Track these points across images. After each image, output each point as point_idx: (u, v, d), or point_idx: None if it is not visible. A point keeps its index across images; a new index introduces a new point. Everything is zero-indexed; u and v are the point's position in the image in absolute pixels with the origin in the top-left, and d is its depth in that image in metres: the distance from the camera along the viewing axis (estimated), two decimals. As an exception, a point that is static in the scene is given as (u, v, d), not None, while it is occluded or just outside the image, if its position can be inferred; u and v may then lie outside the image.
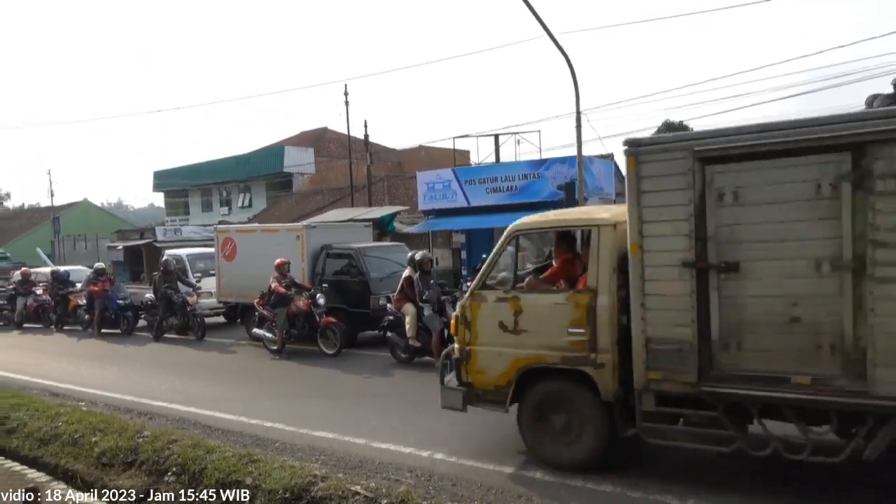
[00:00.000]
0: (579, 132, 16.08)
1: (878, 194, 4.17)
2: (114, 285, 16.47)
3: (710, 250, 4.73)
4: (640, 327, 5.03)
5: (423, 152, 35.06)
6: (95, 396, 9.46)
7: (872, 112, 4.57)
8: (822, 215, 4.36)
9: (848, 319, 4.33)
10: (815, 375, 4.47)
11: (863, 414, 4.44)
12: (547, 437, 5.74)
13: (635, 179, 4.97)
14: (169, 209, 47.29)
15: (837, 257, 4.33)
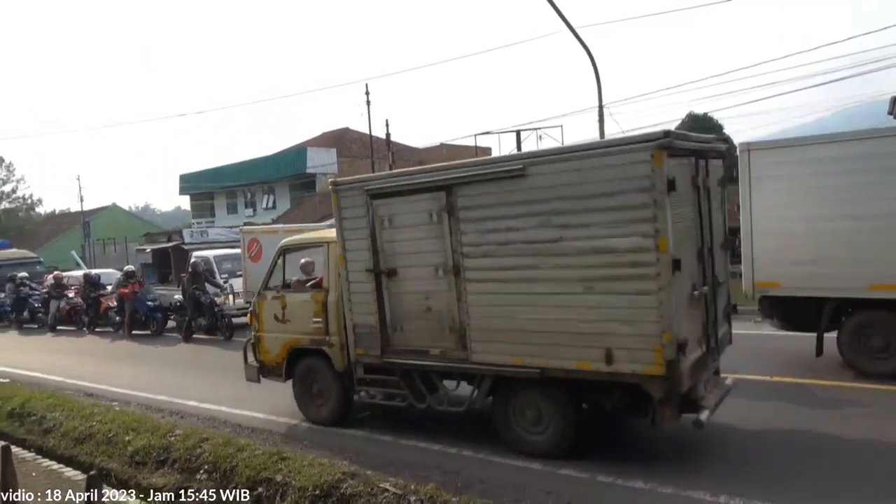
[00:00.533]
0: (602, 126, 15.96)
1: (461, 221, 5.94)
2: (143, 287, 16.74)
3: (380, 260, 6.54)
4: (350, 317, 6.87)
5: (445, 150, 35.06)
6: (128, 396, 9.63)
7: (457, 163, 6.25)
8: (435, 235, 6.13)
9: (455, 308, 6.11)
10: (442, 348, 6.26)
11: (470, 375, 6.31)
12: (309, 401, 7.65)
13: (338, 209, 6.81)
14: (195, 212, 47.94)
15: (446, 264, 6.09)
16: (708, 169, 5.98)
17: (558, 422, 5.83)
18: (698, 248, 5.76)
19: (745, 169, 8.61)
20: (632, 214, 5.06)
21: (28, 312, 19.69)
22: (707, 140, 6.27)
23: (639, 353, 5.15)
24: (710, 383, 6.08)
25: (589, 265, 5.32)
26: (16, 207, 63.67)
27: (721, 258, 6.32)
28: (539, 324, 5.61)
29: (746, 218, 8.64)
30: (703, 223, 5.83)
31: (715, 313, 6.03)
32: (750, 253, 8.64)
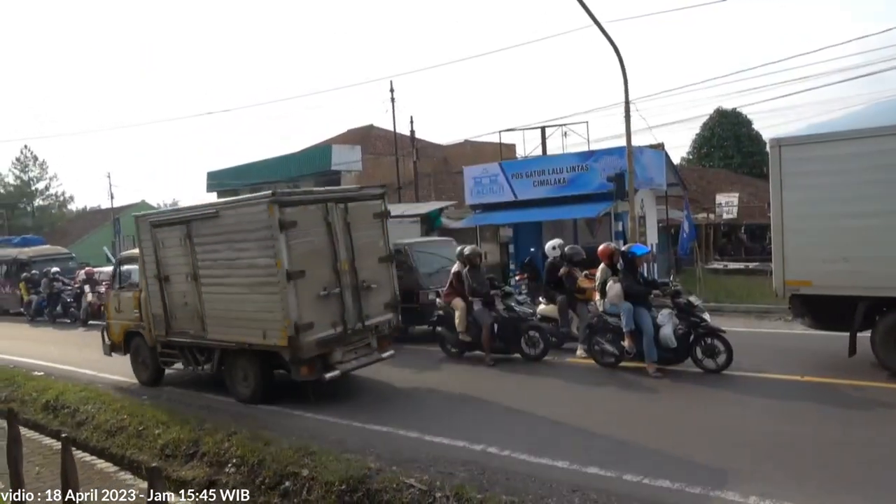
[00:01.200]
0: (628, 122, 15.78)
1: (195, 244, 8.66)
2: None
3: (160, 270, 9.26)
4: (149, 308, 9.64)
5: (469, 147, 34.98)
6: (157, 390, 9.80)
7: (191, 206, 9.47)
8: (185, 253, 8.85)
9: (197, 303, 8.81)
10: (194, 330, 8.96)
11: (210, 349, 9.04)
12: (138, 368, 10.52)
13: (137, 234, 9.72)
14: (222, 209, 48.50)
15: (190, 273, 8.80)
16: (347, 209, 8.45)
17: (255, 378, 8.59)
18: (332, 263, 8.19)
19: (775, 165, 8.46)
20: (264, 243, 7.77)
21: (61, 307, 20.13)
22: (338, 190, 9.81)
23: (275, 332, 7.80)
24: (359, 352, 8.67)
25: (250, 276, 8.03)
26: (49, 204, 65.02)
27: (377, 268, 8.87)
28: (235, 314, 8.35)
29: (777, 215, 8.49)
30: (337, 249, 8.25)
31: (359, 306, 8.48)
32: (780, 251, 8.49)
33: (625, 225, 16.80)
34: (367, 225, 8.74)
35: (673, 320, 8.57)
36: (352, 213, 8.52)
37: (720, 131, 42.16)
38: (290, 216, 7.67)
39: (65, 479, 0.96)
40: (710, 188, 29.71)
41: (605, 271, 9.34)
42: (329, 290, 8.08)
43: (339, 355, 8.34)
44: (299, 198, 8.05)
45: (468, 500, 4.91)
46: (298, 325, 7.61)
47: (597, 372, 9.04)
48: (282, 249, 7.53)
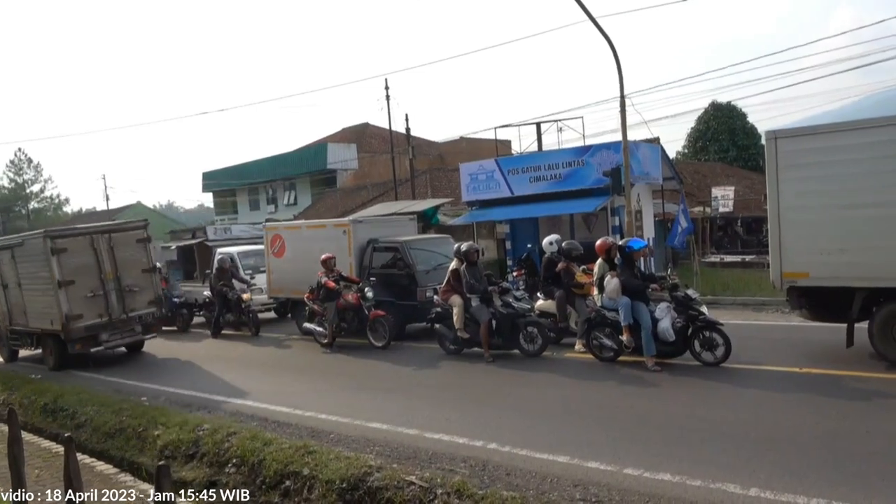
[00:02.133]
0: (624, 117, 15.77)
1: (17, 262, 12.53)
2: (169, 284, 16.96)
3: (2, 280, 13.21)
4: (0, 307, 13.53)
5: (465, 144, 34.98)
6: (156, 391, 9.78)
7: (10, 237, 13.86)
8: (13, 268, 12.77)
9: (22, 302, 12.80)
10: (23, 321, 12.79)
11: (32, 334, 12.99)
12: (3, 350, 14.07)
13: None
14: (218, 209, 48.43)
15: (17, 282, 12.62)
16: (111, 238, 12.28)
17: (56, 352, 12.34)
18: (98, 275, 12.01)
19: (771, 157, 8.47)
20: (44, 263, 11.67)
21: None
22: (103, 226, 13.33)
23: (56, 320, 11.63)
24: (123, 335, 12.52)
25: (42, 284, 11.86)
26: (44, 207, 64.87)
27: (139, 276, 12.64)
28: (39, 309, 12.21)
29: (774, 207, 8.49)
30: (102, 264, 12.07)
31: (123, 303, 12.29)
32: (777, 243, 8.50)
33: (621, 219, 16.80)
34: (130, 247, 12.61)
35: (671, 314, 8.58)
36: (115, 240, 12.34)
37: (715, 125, 42.19)
38: (60, 245, 11.70)
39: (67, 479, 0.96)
40: (706, 181, 29.74)
41: (602, 266, 9.34)
42: (95, 292, 11.96)
43: (106, 336, 12.20)
44: (70, 232, 12.51)
45: (469, 497, 4.91)
46: (69, 316, 11.65)
47: (596, 367, 9.05)
48: (53, 267, 11.59)
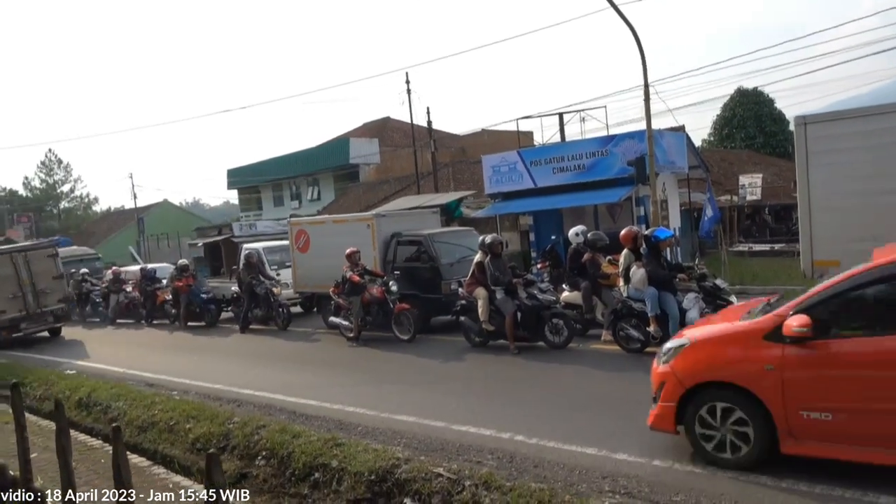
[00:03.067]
0: (648, 105, 15.58)
1: None
2: (196, 280, 17.19)
3: None
4: None
5: (486, 136, 34.83)
6: (187, 385, 9.94)
7: None
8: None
9: None
10: None
11: None
12: None
13: None
14: (243, 205, 48.93)
15: None
16: (27, 255, 16.40)
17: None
18: (17, 282, 15.91)
19: (801, 143, 8.31)
20: None
21: (90, 306, 20.51)
22: (19, 247, 17.89)
23: None
24: (39, 325, 16.42)
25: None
26: (74, 206, 66.16)
27: (51, 282, 16.47)
28: None
29: (804, 194, 8.34)
30: (20, 274, 15.94)
31: (37, 301, 16.12)
32: (808, 231, 8.35)
33: (647, 209, 16.63)
34: (43, 261, 16.79)
35: (699, 304, 8.48)
36: (30, 256, 16.61)
37: (741, 111, 41.43)
38: None
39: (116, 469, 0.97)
40: (733, 169, 29.27)
41: (628, 256, 9.26)
42: (15, 294, 15.96)
43: (24, 325, 16.19)
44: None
45: (497, 489, 4.90)
46: None
47: (622, 358, 8.98)
48: None
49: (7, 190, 65.67)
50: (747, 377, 4.87)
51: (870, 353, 4.50)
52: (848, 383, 4.54)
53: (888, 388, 4.38)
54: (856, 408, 4.50)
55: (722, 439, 5.02)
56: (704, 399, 5.09)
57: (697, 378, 5.13)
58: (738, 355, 4.98)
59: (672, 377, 5.27)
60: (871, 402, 4.45)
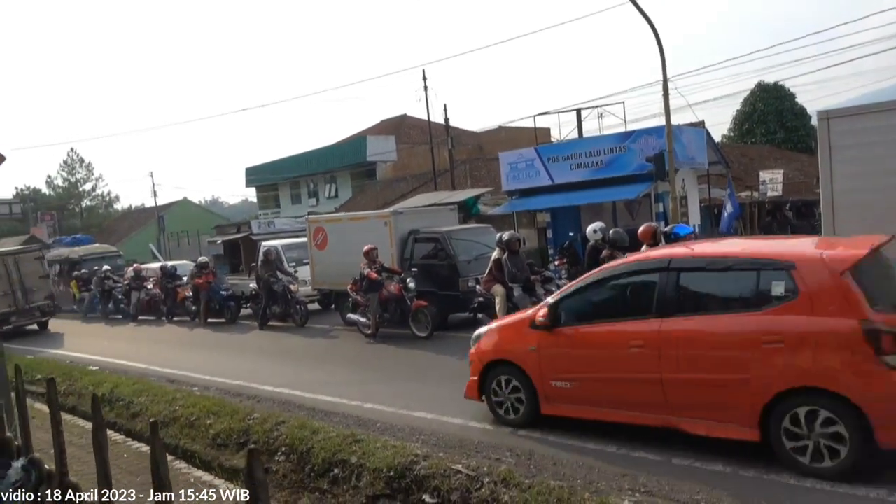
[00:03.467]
0: (667, 100, 15.45)
1: None
2: (216, 277, 17.36)
3: None
4: None
5: (503, 133, 34.75)
6: (207, 382, 10.04)
7: None
8: None
9: None
10: None
11: None
12: None
13: None
14: (261, 203, 49.29)
15: None
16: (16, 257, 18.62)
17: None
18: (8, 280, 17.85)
19: (824, 138, 8.18)
20: None
21: (112, 303, 20.79)
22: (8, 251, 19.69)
23: None
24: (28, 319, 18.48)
25: None
26: (96, 205, 66.98)
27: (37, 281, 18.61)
28: None
29: (827, 190, 8.21)
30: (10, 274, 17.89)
31: (26, 298, 18.15)
32: (831, 227, 8.21)
33: (666, 206, 16.50)
34: (31, 263, 18.71)
35: (719, 301, 8.38)
36: (19, 259, 18.55)
37: (762, 106, 40.89)
38: None
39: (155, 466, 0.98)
40: (753, 165, 28.91)
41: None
42: (6, 292, 17.60)
43: (14, 319, 18.01)
44: None
45: (516, 486, 4.89)
46: None
47: (642, 355, 8.91)
48: None
49: (31, 189, 66.71)
50: (518, 356, 6.39)
51: (586, 337, 5.94)
52: (577, 360, 6.02)
53: (602, 363, 5.82)
54: (584, 378, 5.95)
55: (506, 404, 6.51)
56: (495, 374, 6.57)
57: (490, 357, 6.67)
58: (513, 339, 6.55)
59: (476, 357, 6.85)
60: (592, 373, 5.89)
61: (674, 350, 5.35)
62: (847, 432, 4.54)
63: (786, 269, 4.94)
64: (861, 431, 4.50)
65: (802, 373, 4.73)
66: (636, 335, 5.57)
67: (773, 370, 4.83)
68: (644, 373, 5.49)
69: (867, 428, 4.47)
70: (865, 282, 4.75)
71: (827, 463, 4.63)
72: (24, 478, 1.64)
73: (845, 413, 4.54)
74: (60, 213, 59.21)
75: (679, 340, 5.35)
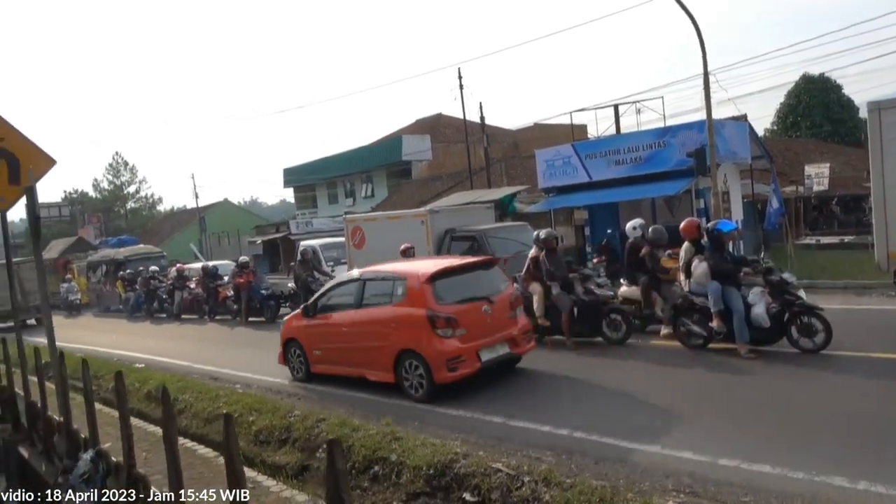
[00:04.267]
0: (708, 94, 15.13)
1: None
2: (256, 277, 17.62)
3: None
4: None
5: (539, 130, 34.52)
6: (248, 379, 10.21)
7: None
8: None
9: None
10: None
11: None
12: None
13: None
14: (299, 203, 49.94)
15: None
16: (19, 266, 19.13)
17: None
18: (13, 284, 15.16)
19: (874, 130, 7.91)
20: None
21: (157, 303, 21.31)
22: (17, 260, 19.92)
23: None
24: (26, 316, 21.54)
25: None
26: (140, 206, 68.81)
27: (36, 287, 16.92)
28: None
29: (878, 183, 7.94)
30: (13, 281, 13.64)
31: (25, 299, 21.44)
32: (883, 221, 7.94)
33: (707, 201, 16.14)
34: (31, 271, 19.69)
35: (765, 298, 8.17)
36: (21, 267, 20.32)
37: (807, 98, 39.73)
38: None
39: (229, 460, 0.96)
40: (798, 159, 28.10)
41: (689, 250, 9.00)
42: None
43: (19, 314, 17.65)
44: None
45: (557, 485, 4.85)
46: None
47: (684, 354, 8.75)
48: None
49: (78, 192, 68.85)
50: (297, 334, 9.64)
51: (326, 323, 9.13)
52: (322, 337, 9.22)
53: (332, 338, 9.03)
54: (326, 347, 9.16)
55: (295, 367, 9.77)
56: (289, 347, 9.84)
57: (285, 336, 9.93)
58: (296, 322, 9.74)
59: (281, 336, 10.11)
60: (329, 344, 9.12)
61: (358, 328, 8.64)
62: (425, 374, 7.77)
63: (403, 279, 8.24)
64: (429, 373, 7.71)
65: (406, 340, 7.97)
66: (345, 320, 8.87)
67: (396, 339, 8.08)
68: (349, 343, 8.79)
69: (430, 371, 7.71)
70: (437, 286, 7.98)
71: (420, 393, 7.88)
72: (93, 469, 1.67)
73: (422, 363, 7.79)
74: (106, 216, 60.95)
75: (361, 323, 8.62)
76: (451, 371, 7.63)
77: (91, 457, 1.51)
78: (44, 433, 1.99)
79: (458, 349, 7.70)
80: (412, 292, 7.96)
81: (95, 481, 1.52)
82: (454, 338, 7.72)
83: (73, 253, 34.34)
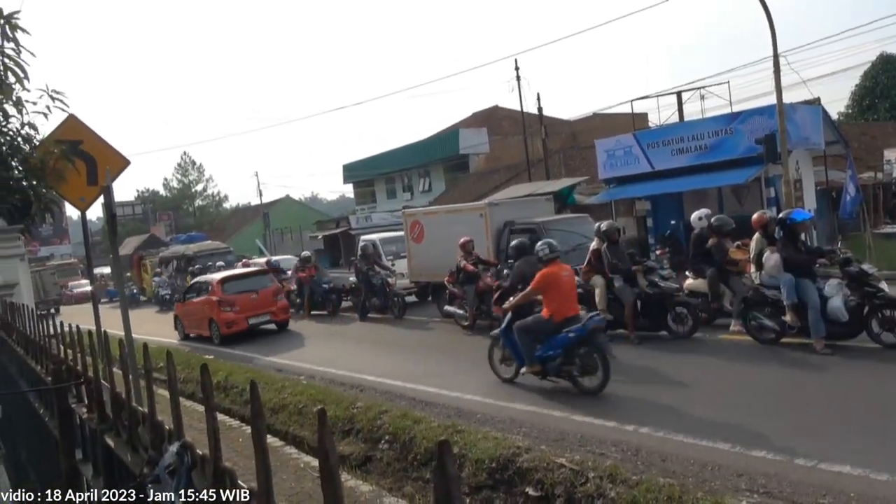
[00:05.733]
0: (778, 77, 14.48)
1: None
2: (318, 271, 17.97)
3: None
4: None
5: (598, 120, 33.84)
6: (312, 371, 10.43)
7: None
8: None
9: None
10: None
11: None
12: None
13: None
14: (358, 199, 50.65)
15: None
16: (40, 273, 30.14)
17: None
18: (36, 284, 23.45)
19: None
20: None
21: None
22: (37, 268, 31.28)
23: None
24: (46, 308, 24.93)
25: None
26: (207, 204, 71.24)
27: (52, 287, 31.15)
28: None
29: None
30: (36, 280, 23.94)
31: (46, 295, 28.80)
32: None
33: (777, 190, 15.49)
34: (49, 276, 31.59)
35: (843, 291, 7.77)
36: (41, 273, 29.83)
37: (885, 80, 37.54)
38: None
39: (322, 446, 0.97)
40: (876, 143, 26.60)
41: (760, 241, 8.65)
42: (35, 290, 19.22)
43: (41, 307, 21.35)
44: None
45: (623, 482, 4.74)
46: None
47: (755, 349, 8.42)
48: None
49: (150, 191, 71.88)
50: (179, 313, 16.49)
51: (191, 304, 15.68)
52: (188, 313, 15.84)
53: (195, 314, 15.42)
54: (191, 319, 15.76)
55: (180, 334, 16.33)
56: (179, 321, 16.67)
57: (175, 313, 16.76)
58: (179, 307, 16.53)
59: (174, 315, 17.01)
60: (194, 318, 15.57)
61: (196, 307, 15.16)
62: (217, 330, 14.65)
63: (210, 282, 15.67)
64: (218, 329, 14.65)
65: (209, 312, 15.01)
66: (204, 302, 14.86)
67: (207, 312, 14.87)
68: (205, 316, 14.73)
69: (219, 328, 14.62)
70: (226, 286, 14.79)
71: (217, 340, 14.80)
72: (178, 461, 1.71)
73: (215, 324, 14.77)
74: (176, 213, 63.45)
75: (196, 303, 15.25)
76: (228, 328, 14.29)
77: (177, 449, 1.55)
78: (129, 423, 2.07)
79: (233, 318, 14.35)
80: (212, 289, 14.90)
81: (181, 473, 1.56)
82: (231, 312, 14.38)
83: (146, 249, 35.91)
